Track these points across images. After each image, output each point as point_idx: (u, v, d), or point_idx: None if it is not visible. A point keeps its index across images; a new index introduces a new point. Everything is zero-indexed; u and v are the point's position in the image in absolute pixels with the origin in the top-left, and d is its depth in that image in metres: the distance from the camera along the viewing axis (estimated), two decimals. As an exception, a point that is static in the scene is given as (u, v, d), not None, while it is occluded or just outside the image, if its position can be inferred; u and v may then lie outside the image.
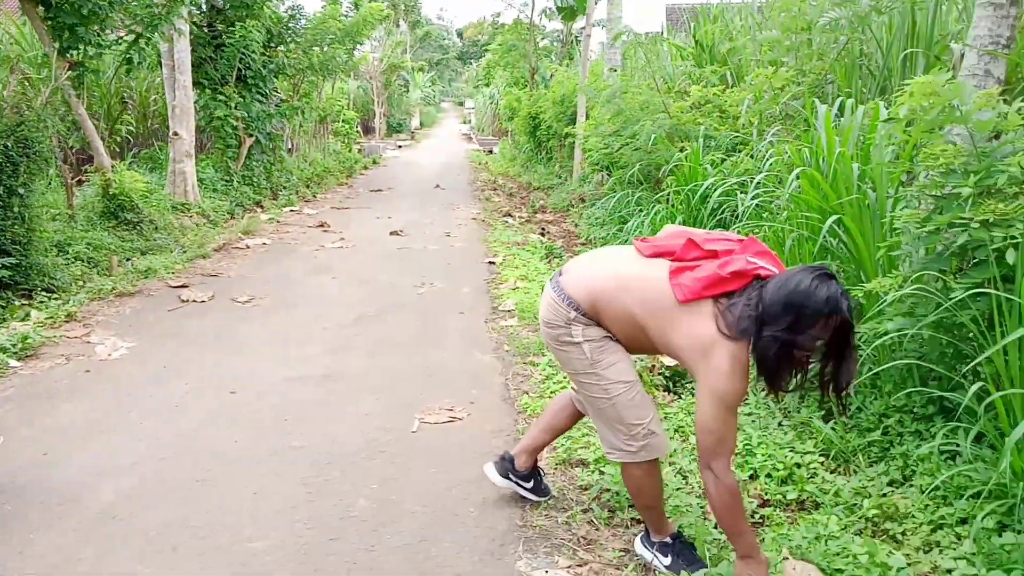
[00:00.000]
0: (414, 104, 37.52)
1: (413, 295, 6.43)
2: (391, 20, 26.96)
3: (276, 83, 13.21)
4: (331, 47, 14.06)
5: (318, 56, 13.61)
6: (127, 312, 5.67)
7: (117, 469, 3.31)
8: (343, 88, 21.15)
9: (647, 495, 2.54)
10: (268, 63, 12.25)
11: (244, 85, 11.78)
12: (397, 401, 4.12)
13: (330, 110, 17.86)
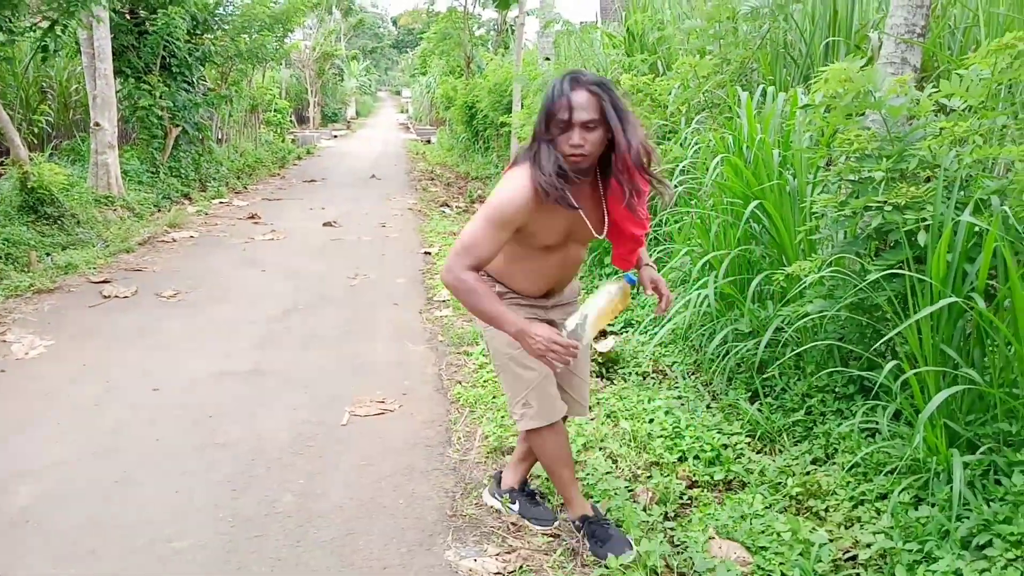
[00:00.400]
0: (349, 93, 36.98)
1: (346, 287, 6.34)
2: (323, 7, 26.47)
3: (203, 71, 12.86)
4: (260, 34, 13.73)
5: (246, 43, 13.28)
6: (46, 309, 5.45)
7: (33, 471, 3.18)
8: (274, 77, 20.71)
9: (545, 459, 2.64)
10: (194, 51, 11.90)
11: (169, 74, 11.42)
12: (326, 394, 4.06)
13: (261, 99, 17.46)
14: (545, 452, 2.62)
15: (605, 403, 3.78)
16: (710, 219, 4.28)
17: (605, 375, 4.25)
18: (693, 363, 4.20)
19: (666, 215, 5.07)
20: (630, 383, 4.07)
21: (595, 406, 3.75)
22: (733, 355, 3.84)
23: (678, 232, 4.84)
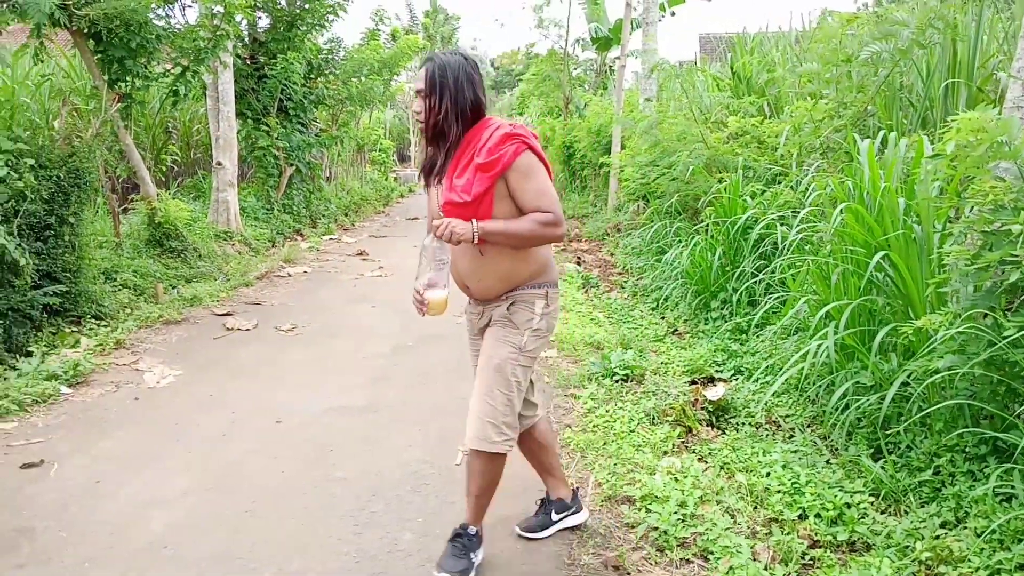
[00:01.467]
0: (448, 132, 37.85)
1: (451, 325, 6.46)
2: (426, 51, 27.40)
3: (315, 113, 13.49)
4: (369, 78, 14.34)
5: (356, 87, 13.87)
6: (174, 340, 5.79)
7: (166, 499, 3.37)
8: (380, 118, 21.50)
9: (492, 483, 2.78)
10: (308, 94, 12.52)
11: (285, 115, 12.04)
12: (438, 434, 4.14)
13: (367, 139, 18.16)
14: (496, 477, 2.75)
15: (718, 453, 3.71)
16: (829, 267, 4.18)
17: (715, 424, 4.18)
18: (809, 415, 4.08)
19: (781, 262, 4.98)
20: (742, 433, 3.98)
21: (707, 456, 3.69)
22: (854, 409, 3.72)
23: (792, 280, 4.75)
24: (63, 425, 4.16)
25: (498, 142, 2.51)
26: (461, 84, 2.55)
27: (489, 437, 2.65)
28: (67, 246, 6.12)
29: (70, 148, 6.24)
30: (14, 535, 3.03)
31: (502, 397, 2.66)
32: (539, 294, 2.71)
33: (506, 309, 2.69)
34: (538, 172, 2.55)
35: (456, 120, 2.56)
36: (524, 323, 2.68)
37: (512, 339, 2.67)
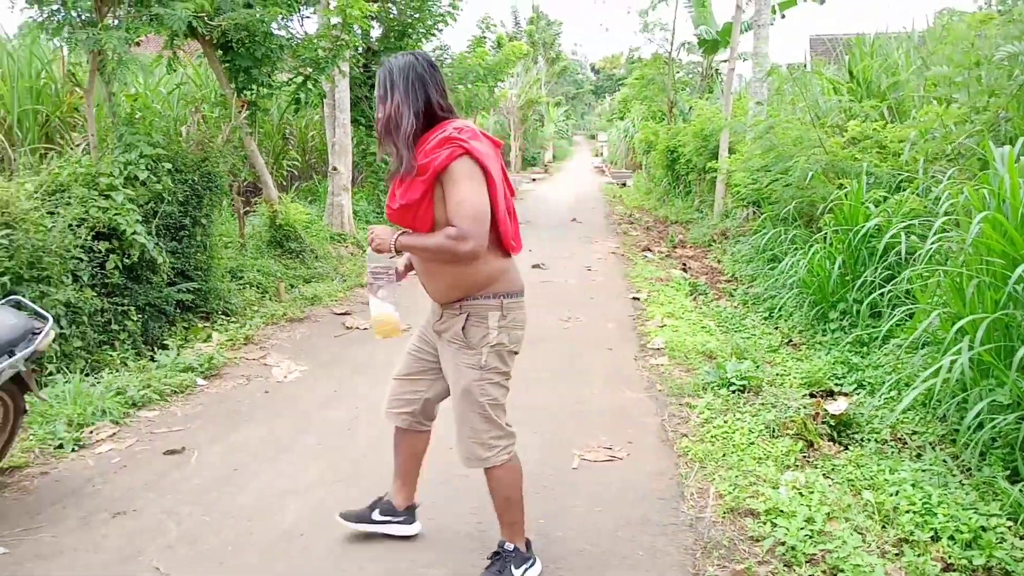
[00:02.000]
0: (548, 138, 38.11)
1: (559, 329, 6.52)
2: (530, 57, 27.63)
3: (424, 120, 13.81)
4: (474, 85, 14.59)
5: (464, 93, 14.13)
6: (297, 337, 6.06)
7: (298, 489, 3.54)
8: (483, 123, 21.81)
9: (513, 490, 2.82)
10: (417, 101, 12.83)
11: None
12: (551, 436, 4.19)
13: (471, 144, 18.45)
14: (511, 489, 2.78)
15: (842, 469, 3.61)
16: (964, 279, 4.01)
17: (838, 439, 4.06)
18: (939, 434, 3.92)
19: (911, 272, 4.79)
20: (867, 450, 3.86)
21: (831, 472, 3.60)
22: (989, 428, 3.54)
23: (922, 291, 4.56)
24: (200, 415, 4.43)
25: (435, 145, 2.46)
26: (412, 85, 2.50)
27: (479, 455, 2.70)
28: (199, 246, 6.51)
29: (203, 153, 6.62)
30: (163, 517, 3.26)
31: (478, 418, 2.68)
32: (493, 305, 2.62)
33: (461, 328, 2.63)
34: (465, 180, 2.43)
35: (409, 123, 2.50)
36: (479, 341, 2.63)
37: (470, 361, 2.64)
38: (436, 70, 2.57)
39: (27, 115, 9.33)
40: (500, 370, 2.68)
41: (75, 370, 4.81)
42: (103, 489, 3.51)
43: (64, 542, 3.05)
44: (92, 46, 5.71)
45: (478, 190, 2.44)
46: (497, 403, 2.71)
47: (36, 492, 3.46)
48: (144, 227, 5.67)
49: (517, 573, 2.75)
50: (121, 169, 5.72)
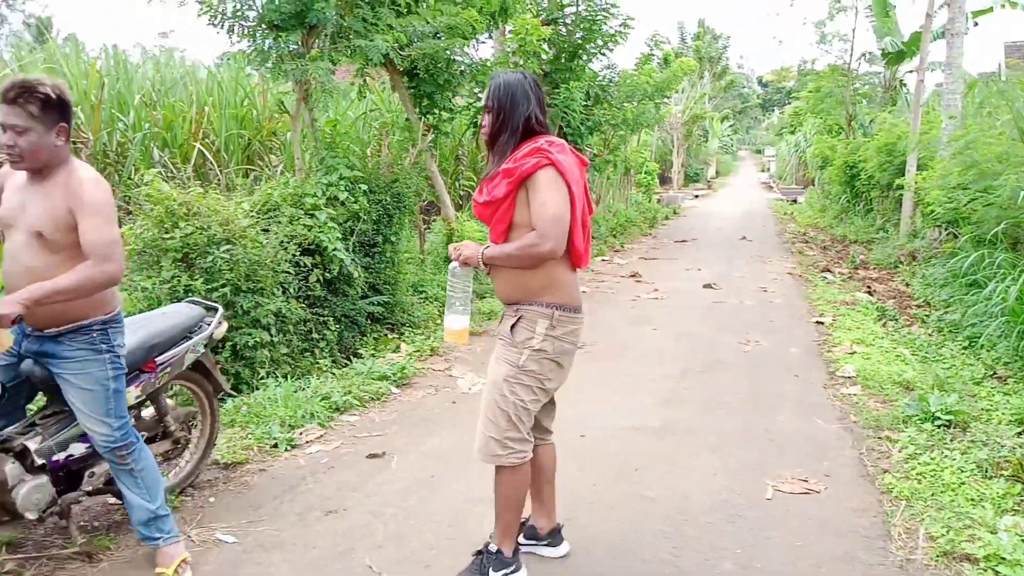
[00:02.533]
0: (712, 153, 37.26)
1: (738, 352, 6.34)
2: (696, 72, 27.17)
3: (591, 139, 13.92)
4: (641, 103, 14.51)
5: (631, 111, 14.10)
6: (478, 350, 6.27)
7: (489, 499, 3.64)
8: (647, 140, 21.66)
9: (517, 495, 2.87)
10: (586, 120, 12.94)
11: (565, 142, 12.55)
12: (741, 463, 4.08)
13: (634, 162, 18.36)
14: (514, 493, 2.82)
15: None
16: None
17: None
18: None
19: None
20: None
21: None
22: None
23: None
24: (395, 421, 4.68)
25: (525, 154, 2.67)
26: (518, 100, 2.73)
27: (493, 451, 2.77)
28: (388, 262, 6.89)
29: (393, 175, 7.01)
30: (370, 517, 3.47)
31: (502, 414, 2.74)
32: (544, 313, 2.71)
33: (509, 327, 2.75)
34: (548, 187, 2.61)
35: (509, 133, 2.73)
36: (523, 342, 2.72)
37: (510, 358, 2.75)
38: (539, 89, 2.80)
39: (232, 139, 10.27)
40: (536, 375, 2.76)
41: (280, 375, 5.22)
42: (315, 488, 3.78)
43: (284, 536, 3.32)
44: (300, 76, 6.21)
45: (559, 197, 2.63)
46: (525, 407, 2.77)
47: (256, 488, 3.78)
48: (343, 244, 6.08)
49: (495, 575, 2.85)
50: (323, 190, 6.16)
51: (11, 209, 2.78)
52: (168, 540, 2.99)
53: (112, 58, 10.07)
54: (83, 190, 2.69)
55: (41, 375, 2.85)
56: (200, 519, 3.43)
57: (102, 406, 2.84)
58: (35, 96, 2.60)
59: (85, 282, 2.61)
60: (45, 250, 2.70)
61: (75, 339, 2.80)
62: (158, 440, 3.49)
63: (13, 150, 2.62)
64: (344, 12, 6.50)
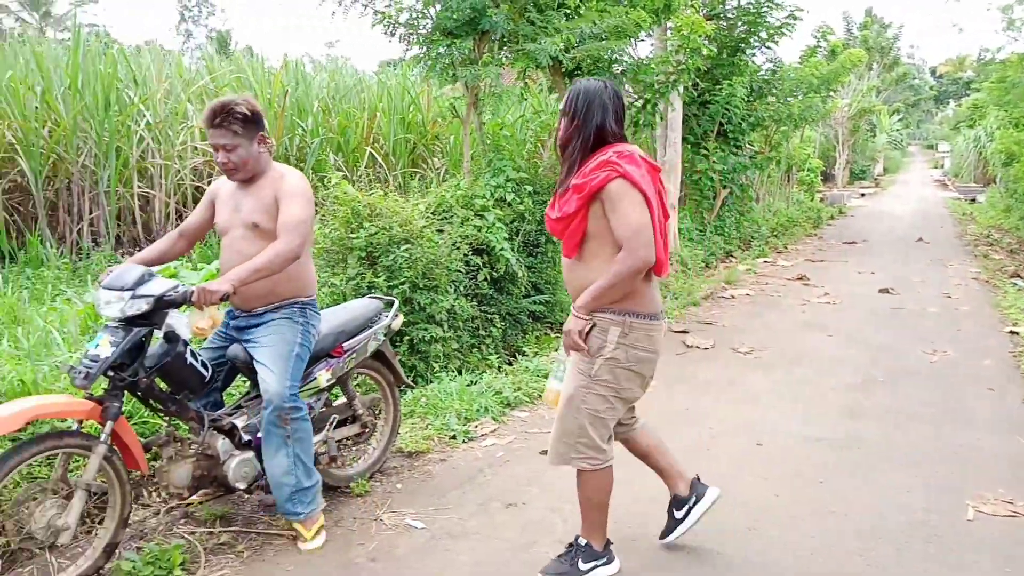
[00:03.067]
0: (879, 149, 35.03)
1: (924, 362, 5.94)
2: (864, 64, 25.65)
3: (751, 135, 13.47)
4: (806, 96, 13.88)
5: (796, 106, 13.52)
6: (641, 353, 6.22)
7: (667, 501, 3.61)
8: (810, 136, 20.70)
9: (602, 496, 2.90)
10: (747, 116, 12.54)
11: (723, 139, 12.23)
12: (936, 481, 3.83)
13: (797, 159, 17.60)
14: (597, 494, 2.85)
15: None
16: None
17: None
18: None
19: None
20: None
21: None
22: None
23: None
24: (565, 420, 4.72)
25: (595, 167, 2.67)
26: (593, 109, 2.71)
27: (565, 455, 2.81)
28: (549, 261, 6.97)
29: (555, 176, 7.09)
30: (548, 512, 3.53)
31: (574, 423, 2.77)
32: (617, 321, 2.69)
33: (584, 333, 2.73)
34: (623, 200, 2.61)
35: (580, 141, 2.73)
36: (596, 350, 2.71)
37: (583, 367, 2.75)
38: (620, 99, 2.79)
39: (400, 143, 10.74)
40: (609, 384, 2.74)
41: (452, 369, 5.40)
42: (492, 480, 3.89)
43: (468, 525, 3.43)
44: (472, 80, 6.40)
45: (637, 208, 2.63)
46: (597, 416, 2.76)
47: (438, 477, 3.94)
48: (508, 244, 6.21)
49: (584, 567, 2.90)
50: (491, 192, 6.33)
51: (226, 217, 3.18)
52: (310, 514, 3.18)
53: (293, 68, 10.79)
54: (286, 180, 3.09)
55: (244, 358, 3.15)
56: (389, 504, 3.61)
57: (283, 362, 3.08)
58: (235, 116, 2.96)
59: (276, 257, 2.90)
60: (259, 239, 3.05)
61: (276, 313, 3.15)
62: (348, 424, 3.72)
63: (227, 165, 3.03)
64: (514, 17, 6.64)
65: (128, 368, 2.80)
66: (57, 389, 3.67)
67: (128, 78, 8.74)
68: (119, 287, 2.78)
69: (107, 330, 2.79)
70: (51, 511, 2.68)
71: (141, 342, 2.82)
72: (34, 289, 6.31)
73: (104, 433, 2.75)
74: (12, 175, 7.85)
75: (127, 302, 2.74)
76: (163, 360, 2.86)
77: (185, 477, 3.06)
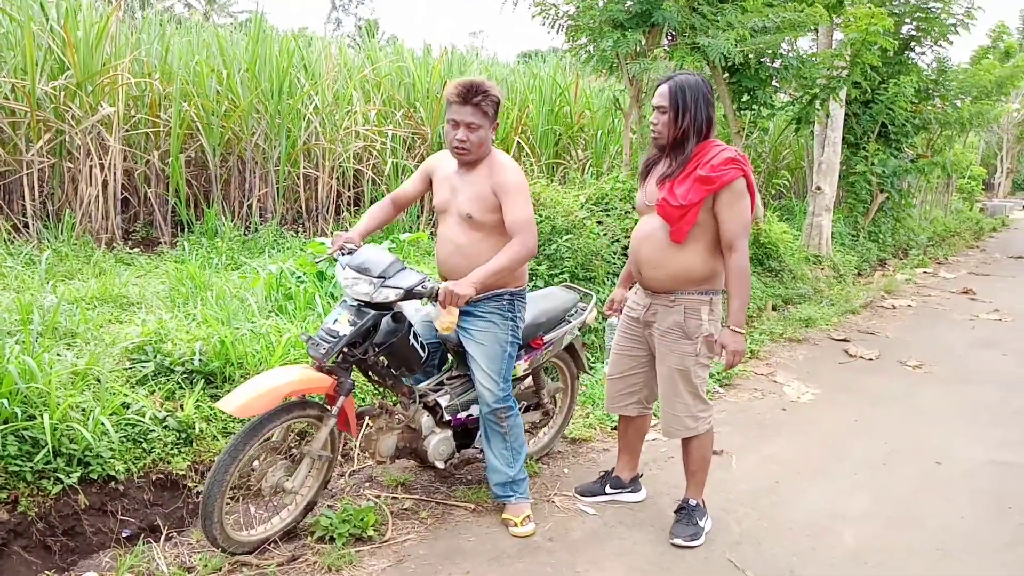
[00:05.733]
0: (1048, 158, 32.29)
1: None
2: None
3: (915, 138, 12.73)
4: (976, 100, 12.97)
5: (966, 109, 12.66)
6: (800, 358, 6.03)
7: (848, 515, 3.50)
8: (973, 142, 19.37)
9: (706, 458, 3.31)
10: (912, 118, 11.86)
11: (884, 140, 11.62)
12: None
13: (959, 165, 16.51)
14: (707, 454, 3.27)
15: None
16: None
17: None
18: None
19: None
20: None
21: None
22: None
23: None
24: (726, 421, 4.64)
25: (722, 163, 2.87)
26: (700, 103, 2.90)
27: (688, 426, 3.16)
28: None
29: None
30: (722, 513, 3.48)
31: (690, 396, 3.13)
32: (704, 300, 3.04)
33: (678, 319, 3.05)
34: (742, 197, 2.91)
35: (693, 135, 2.92)
36: (695, 330, 3.05)
37: (688, 349, 3.07)
38: (712, 93, 2.98)
39: (548, 134, 10.81)
40: (708, 356, 3.12)
41: (603, 362, 5.40)
42: (659, 475, 3.88)
43: (640, 517, 3.44)
44: (639, 73, 6.36)
45: (747, 208, 2.94)
46: (704, 383, 3.18)
47: (603, 466, 3.94)
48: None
49: (702, 523, 3.25)
50: (652, 185, 6.27)
51: (444, 198, 3.21)
52: (520, 499, 3.26)
53: (448, 58, 11.04)
54: (506, 174, 3.07)
55: (456, 340, 3.23)
56: (559, 487, 3.67)
57: (497, 364, 3.16)
58: (490, 98, 2.99)
59: (514, 258, 2.97)
60: (471, 229, 3.09)
61: (488, 303, 3.17)
62: (531, 411, 3.79)
63: (464, 143, 3.01)
64: (685, 11, 6.54)
65: (360, 346, 2.95)
66: (253, 352, 3.94)
67: (300, 64, 9.20)
68: (370, 272, 2.88)
69: (345, 307, 2.93)
70: (280, 472, 2.88)
71: (376, 323, 2.95)
72: (208, 258, 6.76)
73: (336, 407, 2.92)
74: (191, 151, 8.44)
75: (376, 289, 2.86)
76: (390, 339, 2.98)
77: (391, 447, 3.21)
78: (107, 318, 4.52)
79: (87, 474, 3.10)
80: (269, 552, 2.96)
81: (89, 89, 7.08)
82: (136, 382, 3.61)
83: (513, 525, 3.22)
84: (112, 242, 7.13)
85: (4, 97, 6.89)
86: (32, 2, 7.46)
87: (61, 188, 7.26)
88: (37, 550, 3.01)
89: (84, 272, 5.75)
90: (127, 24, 8.81)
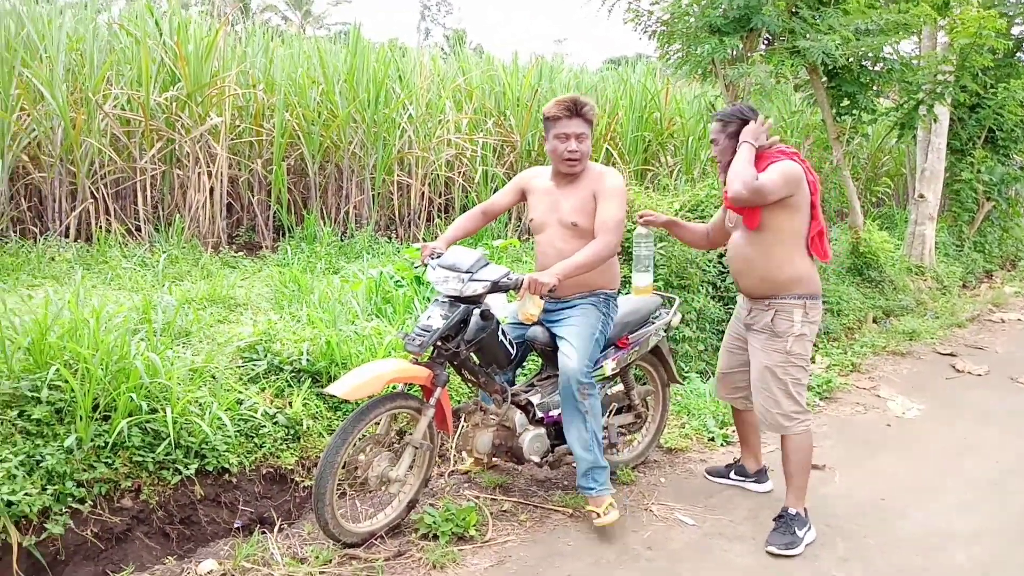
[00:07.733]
0: None
1: None
2: None
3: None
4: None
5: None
6: (904, 372, 5.82)
7: (960, 534, 3.36)
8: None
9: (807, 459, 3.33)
10: (1022, 123, 11.26)
11: (992, 146, 11.07)
12: None
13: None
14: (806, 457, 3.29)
15: None
16: None
17: None
18: None
19: None
20: None
21: None
22: None
23: None
24: (828, 435, 4.52)
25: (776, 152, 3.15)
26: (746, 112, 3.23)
27: (780, 423, 3.23)
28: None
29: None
30: (826, 530, 3.39)
31: (782, 393, 3.21)
32: (797, 304, 3.17)
33: (769, 320, 3.20)
34: None
35: None
36: (785, 331, 3.18)
37: (777, 347, 3.20)
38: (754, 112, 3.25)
39: (637, 140, 10.76)
40: (802, 356, 3.22)
41: (695, 371, 5.33)
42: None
43: (741, 529, 3.39)
44: (737, 79, 6.27)
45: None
46: (799, 383, 3.24)
47: (699, 476, 3.93)
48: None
49: (800, 534, 3.20)
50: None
51: (542, 213, 3.36)
52: (600, 491, 3.28)
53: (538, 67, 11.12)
54: (605, 178, 3.25)
55: (544, 339, 3.33)
56: (656, 496, 3.65)
57: (585, 343, 3.23)
58: (592, 107, 3.15)
59: (597, 254, 3.09)
60: (576, 237, 3.20)
61: (584, 300, 3.32)
62: (623, 412, 3.81)
63: (575, 154, 3.18)
64: (784, 15, 6.42)
65: (452, 340, 3.05)
66: (357, 352, 4.07)
67: (395, 75, 9.44)
68: (459, 268, 3.02)
69: (437, 304, 3.05)
70: (384, 463, 2.98)
71: (466, 318, 3.05)
72: (309, 262, 6.99)
73: (434, 398, 3.01)
74: (292, 159, 8.76)
75: (465, 284, 2.99)
76: (480, 335, 3.09)
77: (487, 444, 3.30)
78: (217, 318, 4.74)
79: (203, 466, 3.26)
80: (376, 547, 3.05)
81: (199, 100, 7.44)
82: (248, 379, 3.78)
83: (596, 516, 3.25)
84: (218, 246, 7.47)
85: (121, 108, 7.32)
86: (148, 18, 7.90)
87: (171, 194, 7.65)
88: (157, 536, 3.18)
89: (193, 274, 6.04)
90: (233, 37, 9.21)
